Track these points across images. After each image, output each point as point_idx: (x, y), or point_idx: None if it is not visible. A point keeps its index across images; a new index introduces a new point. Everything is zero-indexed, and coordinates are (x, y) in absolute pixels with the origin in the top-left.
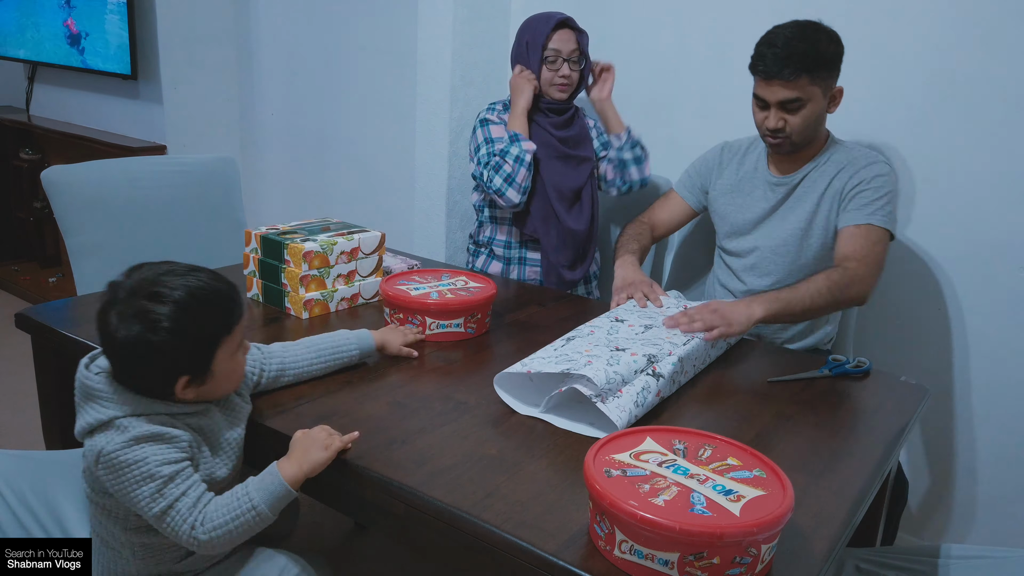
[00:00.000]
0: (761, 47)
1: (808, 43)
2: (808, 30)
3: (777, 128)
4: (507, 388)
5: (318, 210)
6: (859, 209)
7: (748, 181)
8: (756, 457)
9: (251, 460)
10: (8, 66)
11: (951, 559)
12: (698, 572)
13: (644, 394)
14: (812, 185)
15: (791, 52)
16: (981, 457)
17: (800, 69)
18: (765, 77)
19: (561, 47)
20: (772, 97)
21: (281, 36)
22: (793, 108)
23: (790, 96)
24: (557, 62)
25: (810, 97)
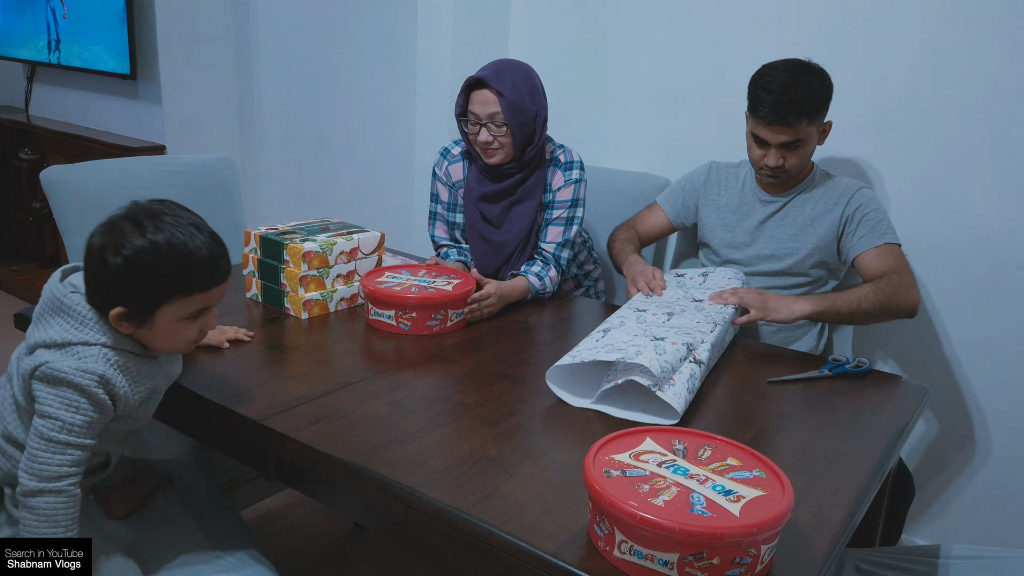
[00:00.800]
0: (759, 92)
1: (804, 88)
2: (802, 74)
3: (778, 166)
4: (556, 382)
5: (317, 210)
6: (871, 233)
7: (739, 199)
8: (756, 457)
9: (249, 461)
10: (7, 66)
11: (951, 559)
12: (698, 572)
13: (692, 380)
14: (802, 204)
15: (792, 99)
16: (981, 457)
17: (800, 114)
18: (768, 123)
19: (478, 110)
20: (774, 140)
21: (281, 36)
22: (792, 148)
23: (791, 139)
24: (475, 126)
25: (808, 137)
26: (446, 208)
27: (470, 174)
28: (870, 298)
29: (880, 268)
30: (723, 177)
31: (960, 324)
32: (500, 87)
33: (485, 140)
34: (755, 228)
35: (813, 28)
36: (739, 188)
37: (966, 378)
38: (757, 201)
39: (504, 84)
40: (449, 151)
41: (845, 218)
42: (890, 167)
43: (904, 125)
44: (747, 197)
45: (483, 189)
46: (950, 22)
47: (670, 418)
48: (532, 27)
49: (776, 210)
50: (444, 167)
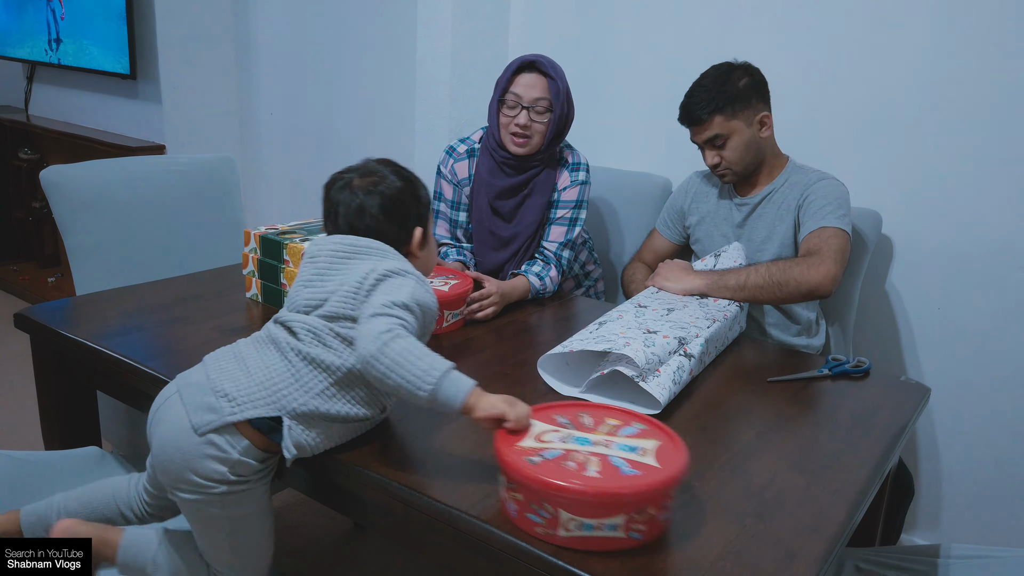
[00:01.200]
0: (682, 100)
1: (715, 84)
2: (711, 74)
3: (715, 164)
4: (548, 371)
5: (317, 210)
6: (811, 217)
7: (717, 204)
8: (627, 413)
9: None
10: (7, 66)
11: (951, 559)
12: (639, 526)
13: (679, 373)
14: (771, 204)
15: (697, 99)
16: (981, 457)
17: (708, 111)
18: (685, 125)
19: (523, 92)
20: (697, 139)
21: (280, 35)
22: (719, 144)
23: (710, 135)
24: (515, 107)
25: (731, 131)
26: (450, 206)
27: (481, 168)
28: (761, 272)
29: (802, 250)
30: (703, 185)
31: (960, 323)
32: (553, 72)
33: (523, 124)
34: (735, 231)
35: (813, 28)
36: (717, 193)
37: (966, 377)
38: (732, 205)
39: (556, 71)
40: (455, 149)
41: (798, 209)
42: (890, 167)
43: (904, 125)
44: (724, 201)
45: (498, 183)
46: (950, 22)
47: (653, 408)
48: (532, 27)
49: (750, 212)
50: (450, 165)
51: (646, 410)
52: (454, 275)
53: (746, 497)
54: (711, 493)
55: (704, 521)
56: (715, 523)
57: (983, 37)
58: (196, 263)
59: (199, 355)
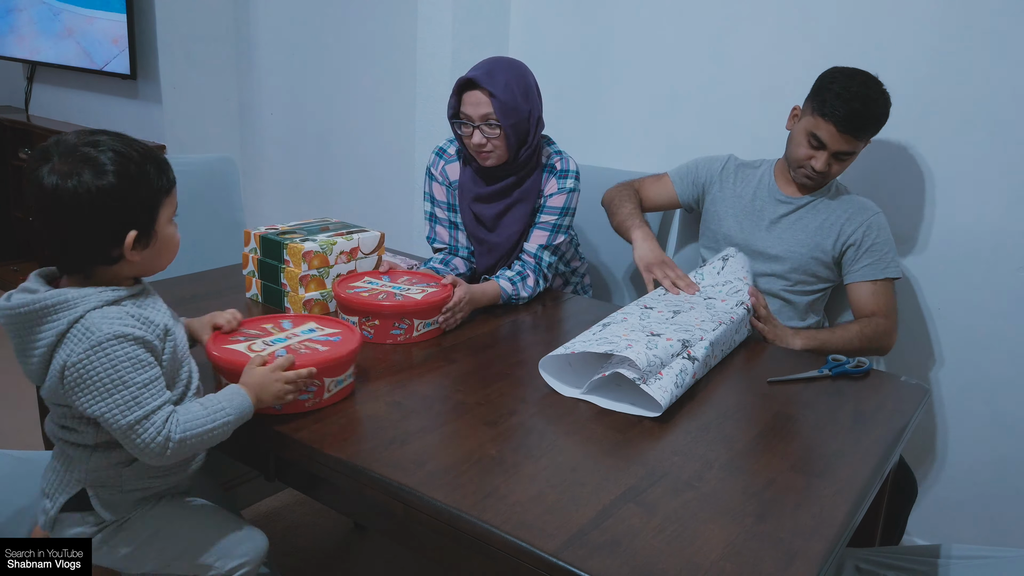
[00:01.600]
0: (834, 97)
1: (881, 106)
2: (878, 91)
3: (822, 171)
4: (550, 372)
5: (317, 210)
6: (874, 264)
7: (754, 194)
8: (304, 318)
9: (249, 461)
10: (7, 66)
11: (951, 559)
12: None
13: (682, 375)
14: (816, 211)
15: (871, 114)
16: (981, 457)
17: (870, 131)
18: (840, 128)
19: (470, 111)
20: (834, 146)
21: (281, 36)
22: (844, 158)
23: (850, 150)
24: (467, 127)
25: (858, 151)
26: (446, 208)
27: (464, 175)
28: (855, 342)
29: (870, 307)
30: (740, 171)
31: (960, 324)
32: (492, 87)
33: (478, 142)
34: (767, 226)
35: (813, 28)
36: (755, 184)
37: (966, 378)
38: (773, 199)
39: (496, 84)
40: (445, 150)
41: (854, 238)
42: (890, 167)
43: (904, 125)
44: (762, 193)
45: (478, 190)
46: (950, 22)
47: (654, 411)
48: (532, 27)
49: (790, 211)
50: (440, 167)
51: (646, 412)
52: (435, 282)
53: (746, 497)
54: (711, 493)
55: (704, 521)
56: (715, 523)
57: (983, 37)
58: (196, 263)
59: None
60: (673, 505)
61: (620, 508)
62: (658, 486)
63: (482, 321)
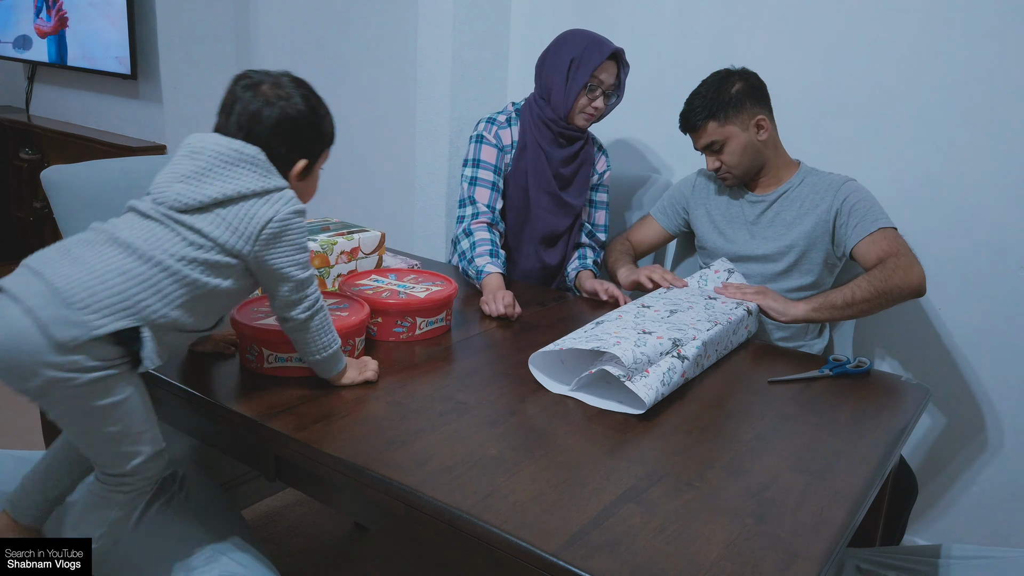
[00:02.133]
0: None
1: (702, 92)
2: (712, 80)
3: (716, 168)
4: (540, 367)
5: (317, 210)
6: (863, 221)
7: (728, 202)
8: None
9: (250, 460)
10: (8, 66)
11: (951, 559)
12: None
13: (670, 374)
14: (789, 204)
15: (690, 107)
16: (981, 457)
17: (700, 117)
18: (684, 132)
19: (606, 79)
20: (696, 145)
21: (281, 35)
22: (716, 149)
23: (706, 141)
24: (596, 92)
25: (726, 136)
26: (493, 171)
27: (534, 138)
28: (864, 286)
29: (876, 254)
30: (710, 183)
31: (961, 323)
32: (626, 66)
33: (598, 106)
34: (747, 228)
35: (813, 28)
36: (728, 191)
37: (967, 378)
38: (746, 202)
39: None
40: (495, 119)
41: (835, 211)
42: (890, 167)
43: (904, 125)
44: (736, 198)
45: (561, 153)
46: (950, 21)
47: (638, 408)
48: (533, 27)
49: (764, 209)
50: (494, 131)
51: (632, 409)
52: (440, 280)
53: (747, 497)
54: (711, 493)
55: (704, 521)
56: (715, 523)
57: (983, 37)
58: None
59: (199, 355)
60: (673, 505)
61: (620, 508)
62: (658, 486)
63: (482, 321)
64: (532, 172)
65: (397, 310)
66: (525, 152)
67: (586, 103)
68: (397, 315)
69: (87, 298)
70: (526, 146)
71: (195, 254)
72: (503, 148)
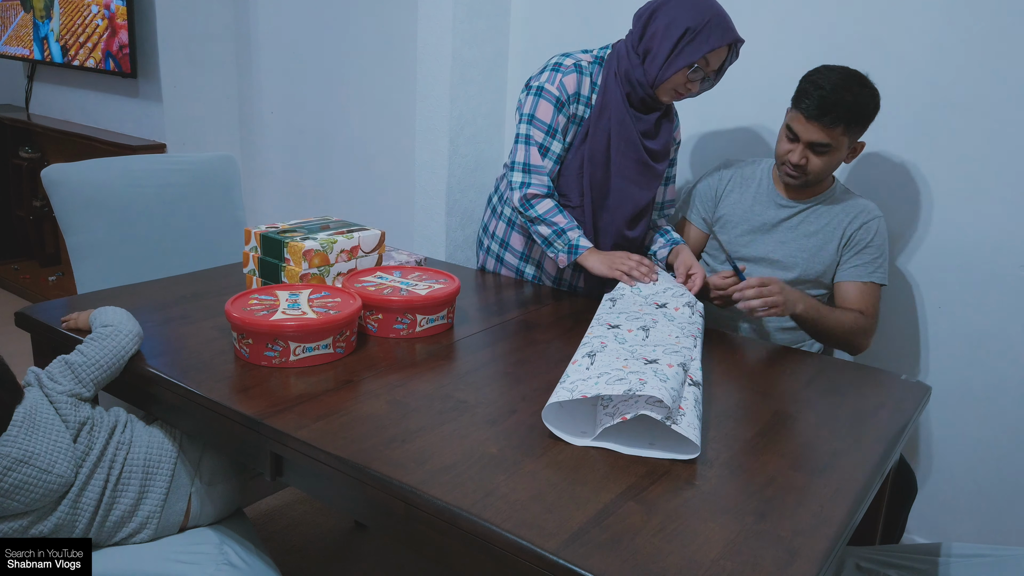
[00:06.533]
0: (808, 85)
1: (854, 95)
2: (856, 82)
3: (799, 164)
4: (550, 420)
5: (318, 208)
6: (865, 265)
7: (754, 198)
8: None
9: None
10: (8, 64)
11: (951, 557)
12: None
13: (697, 407)
14: (818, 216)
15: (838, 100)
16: (981, 456)
17: (840, 119)
18: (807, 116)
19: (714, 64)
20: (805, 136)
21: (281, 34)
22: (820, 151)
23: (822, 140)
24: (699, 74)
25: (839, 146)
26: (547, 132)
27: (616, 95)
28: (845, 329)
29: (857, 304)
30: (740, 174)
31: (961, 322)
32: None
33: (693, 90)
34: (767, 230)
35: (813, 28)
36: (755, 186)
37: (967, 376)
38: (772, 203)
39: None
40: (561, 64)
41: (848, 236)
42: (890, 167)
43: (904, 125)
44: (762, 197)
45: (649, 119)
46: (951, 21)
47: (689, 452)
48: (532, 26)
49: (790, 215)
50: (557, 80)
51: (679, 455)
52: (443, 278)
53: (746, 496)
54: (711, 492)
55: (704, 520)
56: (715, 522)
57: (983, 36)
58: (197, 262)
59: (199, 354)
60: (673, 503)
61: (620, 506)
62: (658, 485)
63: (483, 319)
64: (617, 135)
65: (398, 307)
66: (607, 112)
67: (682, 82)
68: (398, 311)
69: None
70: (607, 105)
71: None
72: (567, 100)
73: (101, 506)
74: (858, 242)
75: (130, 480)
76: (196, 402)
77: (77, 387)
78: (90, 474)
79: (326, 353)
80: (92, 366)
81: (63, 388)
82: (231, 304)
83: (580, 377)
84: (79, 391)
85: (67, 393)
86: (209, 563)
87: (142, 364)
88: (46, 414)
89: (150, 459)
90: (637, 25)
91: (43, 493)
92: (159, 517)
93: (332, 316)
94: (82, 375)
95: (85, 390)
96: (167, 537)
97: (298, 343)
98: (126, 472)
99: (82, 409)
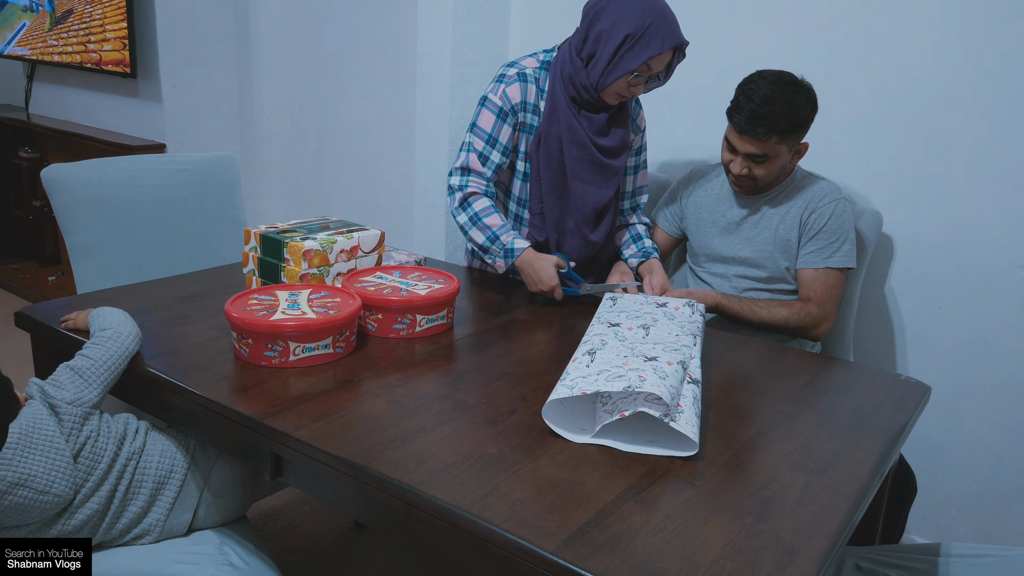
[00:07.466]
0: (740, 97)
1: (784, 104)
2: (788, 90)
3: (741, 174)
4: (550, 417)
5: (317, 208)
6: (818, 252)
7: (716, 200)
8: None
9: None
10: (7, 64)
11: (951, 557)
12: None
13: (696, 404)
14: (776, 208)
15: (766, 113)
16: (981, 456)
17: (772, 130)
18: (738, 130)
19: (657, 68)
20: (741, 148)
21: (281, 34)
22: (759, 161)
23: (757, 152)
24: (641, 79)
25: (777, 154)
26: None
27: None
28: (779, 321)
29: (806, 293)
30: (701, 179)
31: (960, 322)
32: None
33: (637, 92)
34: (732, 230)
35: (813, 28)
36: (716, 189)
37: (967, 376)
38: (732, 203)
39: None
40: (504, 75)
41: (802, 222)
42: (890, 167)
43: (904, 125)
44: (723, 198)
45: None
46: (950, 21)
47: (687, 450)
48: (532, 26)
49: (750, 213)
50: (500, 91)
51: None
52: (443, 279)
53: (746, 496)
54: (711, 492)
55: (704, 520)
56: (715, 522)
57: (983, 37)
58: (196, 261)
59: (199, 354)
60: (673, 503)
61: (620, 506)
62: (658, 485)
63: (482, 319)
64: (568, 139)
65: (397, 307)
66: (556, 116)
67: (624, 87)
68: (397, 312)
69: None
70: (556, 109)
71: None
72: (511, 110)
73: (109, 513)
74: (811, 227)
75: (140, 489)
76: (196, 402)
77: (84, 392)
78: (95, 488)
79: (326, 353)
80: (98, 368)
81: (69, 396)
82: (231, 304)
83: (580, 374)
84: (86, 397)
85: (73, 403)
86: (209, 564)
87: (142, 364)
88: (45, 430)
89: (162, 469)
90: (583, 24)
91: (40, 512)
92: (163, 525)
93: (332, 316)
94: (89, 377)
95: (92, 395)
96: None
97: (298, 343)
98: (136, 481)
99: (88, 424)
